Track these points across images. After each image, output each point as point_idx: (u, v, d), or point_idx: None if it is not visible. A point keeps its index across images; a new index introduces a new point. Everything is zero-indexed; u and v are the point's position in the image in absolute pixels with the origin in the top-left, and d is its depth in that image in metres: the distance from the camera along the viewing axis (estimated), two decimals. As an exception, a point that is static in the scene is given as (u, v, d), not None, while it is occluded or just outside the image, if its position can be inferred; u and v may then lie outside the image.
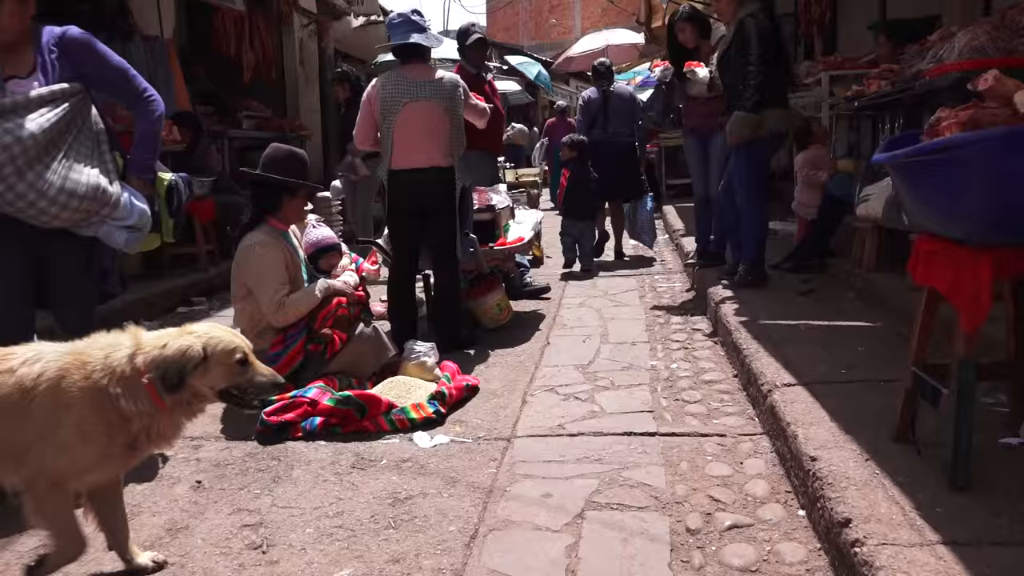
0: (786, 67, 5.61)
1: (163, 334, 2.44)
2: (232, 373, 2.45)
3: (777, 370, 3.74)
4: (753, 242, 5.67)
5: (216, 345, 2.41)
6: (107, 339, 2.43)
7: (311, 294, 4.04)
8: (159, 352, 2.33)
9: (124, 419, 2.32)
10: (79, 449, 2.30)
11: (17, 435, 2.29)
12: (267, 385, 2.53)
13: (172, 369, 2.31)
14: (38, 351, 2.36)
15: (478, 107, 5.22)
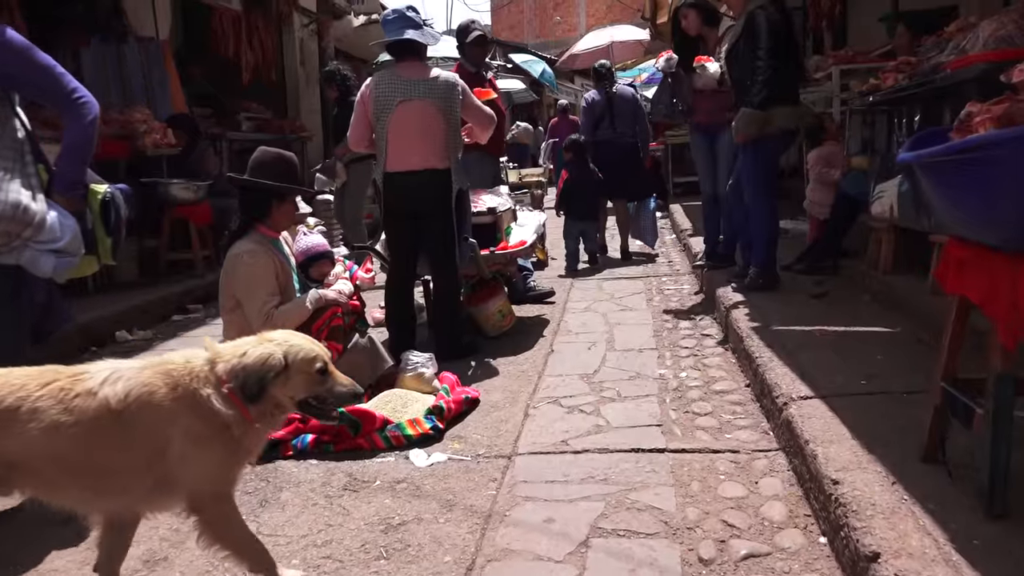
0: (797, 62, 5.40)
1: (241, 343, 2.36)
2: (312, 382, 2.36)
3: (792, 381, 3.54)
4: (763, 244, 5.46)
5: (297, 353, 2.32)
6: (180, 353, 2.36)
7: (301, 306, 3.85)
8: (238, 360, 2.25)
9: (224, 424, 2.23)
10: (203, 458, 2.24)
11: (117, 459, 2.18)
12: (347, 395, 2.45)
13: (252, 378, 2.23)
14: (113, 368, 2.26)
15: (482, 111, 4.91)
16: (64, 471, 2.17)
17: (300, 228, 4.40)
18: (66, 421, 2.11)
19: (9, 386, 2.14)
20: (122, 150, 7.32)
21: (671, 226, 10.96)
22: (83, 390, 2.17)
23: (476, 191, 5.86)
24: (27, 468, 2.14)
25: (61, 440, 2.11)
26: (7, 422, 2.10)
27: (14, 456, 2.12)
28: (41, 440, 2.09)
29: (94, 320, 5.98)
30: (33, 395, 2.13)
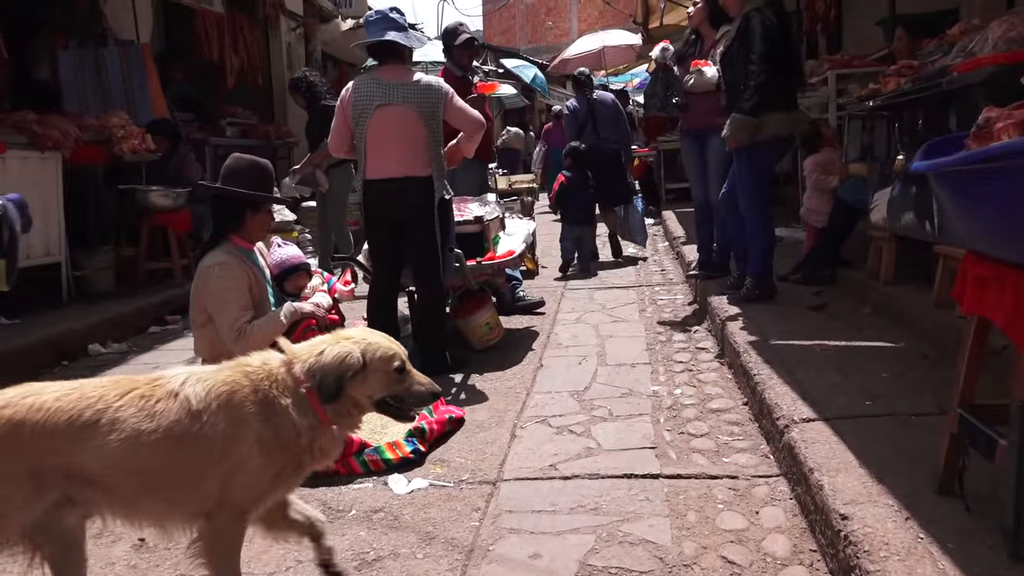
0: (795, 67, 5.21)
1: (317, 341, 2.31)
2: (390, 381, 2.31)
3: (793, 401, 3.35)
4: (759, 253, 5.28)
5: (375, 352, 2.28)
6: (255, 355, 2.31)
7: (276, 320, 3.65)
8: (316, 359, 2.22)
9: (295, 431, 2.19)
10: (259, 469, 2.16)
11: (192, 463, 2.11)
12: (425, 395, 2.39)
13: (330, 377, 2.19)
14: (191, 370, 2.22)
15: (469, 115, 4.63)
16: (143, 483, 2.10)
17: (275, 239, 4.18)
18: (148, 428, 2.05)
19: (86, 399, 2.06)
20: (99, 156, 7.10)
21: (664, 233, 10.77)
22: (164, 394, 2.12)
23: (463, 199, 5.67)
24: (105, 485, 2.06)
25: (143, 449, 2.04)
26: (86, 437, 2.02)
27: (93, 473, 2.03)
28: (122, 452, 2.02)
29: (65, 333, 5.76)
30: (113, 406, 2.06)
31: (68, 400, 2.05)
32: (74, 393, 2.08)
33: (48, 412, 2.01)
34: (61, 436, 2.01)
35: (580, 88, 8.86)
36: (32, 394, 2.06)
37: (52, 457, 2.00)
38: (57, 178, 6.48)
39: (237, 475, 2.13)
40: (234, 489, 2.14)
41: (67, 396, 2.07)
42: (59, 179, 6.49)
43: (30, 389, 2.09)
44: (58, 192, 6.49)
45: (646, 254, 9.11)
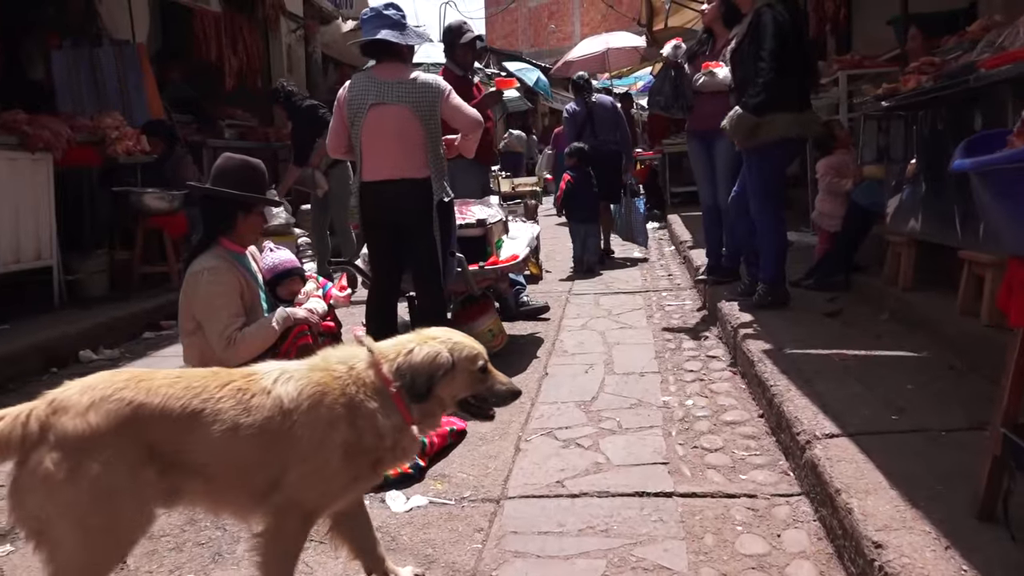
0: (808, 66, 5.03)
1: (402, 340, 2.31)
2: (474, 381, 2.32)
3: (814, 415, 3.16)
4: (772, 258, 5.10)
5: (461, 351, 2.28)
6: (339, 352, 2.30)
7: (268, 327, 3.47)
8: (405, 359, 2.21)
9: (379, 435, 2.18)
10: (337, 474, 2.15)
11: (279, 460, 2.10)
12: (506, 394, 2.38)
13: (421, 377, 2.18)
14: (283, 368, 2.22)
15: (466, 113, 4.41)
16: (237, 475, 2.10)
17: (267, 243, 4.00)
18: (246, 422, 2.05)
19: (192, 389, 2.06)
20: (92, 157, 6.93)
21: (670, 237, 10.59)
22: (259, 389, 2.12)
23: (465, 202, 5.50)
24: (205, 474, 2.05)
25: (240, 442, 2.04)
26: (193, 426, 2.02)
27: (197, 461, 2.03)
28: (223, 443, 2.03)
29: (55, 339, 5.59)
30: (215, 396, 2.06)
31: (177, 388, 2.05)
32: (180, 381, 2.08)
33: (163, 398, 2.00)
34: (175, 423, 2.00)
35: (579, 92, 9.05)
36: (143, 379, 2.05)
37: (166, 444, 1.99)
38: (48, 180, 6.31)
39: (314, 477, 2.12)
40: (308, 491, 2.13)
41: (175, 383, 2.06)
42: (50, 181, 6.32)
43: (138, 374, 2.08)
44: (49, 194, 6.32)
45: (647, 255, 9.25)
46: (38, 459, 1.87)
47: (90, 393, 1.96)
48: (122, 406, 1.95)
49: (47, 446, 1.88)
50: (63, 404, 1.93)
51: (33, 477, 1.87)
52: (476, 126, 4.43)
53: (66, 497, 1.87)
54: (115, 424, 1.92)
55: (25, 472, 1.89)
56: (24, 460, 1.90)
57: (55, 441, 1.88)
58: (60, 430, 1.89)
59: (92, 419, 1.91)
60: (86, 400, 1.93)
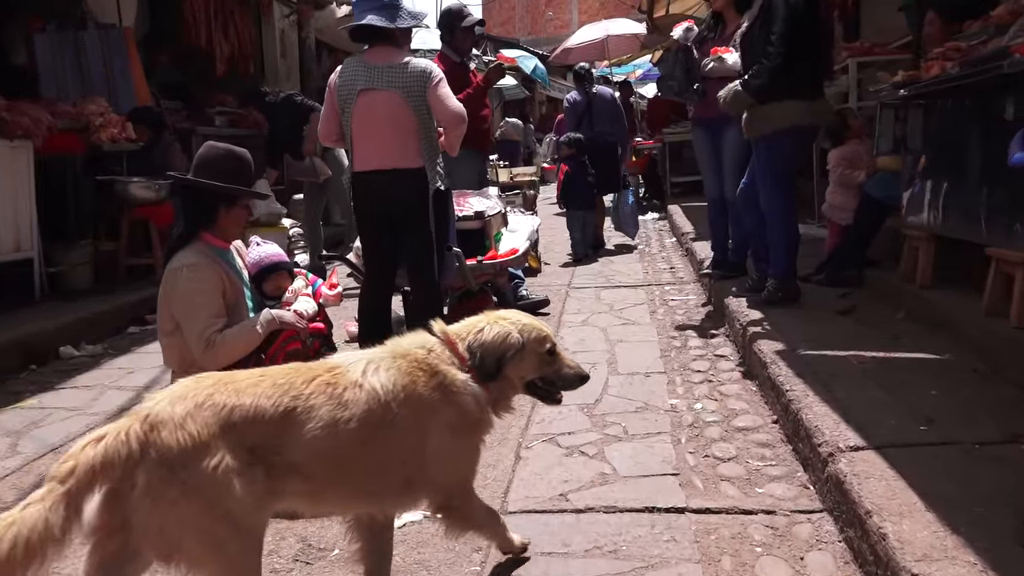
0: (822, 52, 4.81)
1: (472, 321, 2.35)
2: (542, 363, 2.34)
3: (835, 424, 2.96)
4: (782, 253, 4.88)
5: (531, 333, 2.31)
6: (410, 338, 2.32)
7: (249, 330, 3.25)
8: (476, 338, 2.25)
9: (479, 407, 2.24)
10: (459, 451, 2.24)
11: (382, 452, 2.10)
12: (573, 378, 2.40)
13: (491, 357, 2.23)
14: (366, 358, 2.19)
15: (449, 106, 4.07)
16: (337, 472, 2.07)
17: (253, 237, 3.78)
18: (343, 417, 2.02)
19: (280, 387, 2.01)
20: (75, 145, 6.67)
21: (670, 229, 10.37)
22: (348, 382, 2.09)
23: (463, 193, 5.28)
24: (305, 473, 2.00)
25: (340, 437, 2.01)
26: (287, 424, 1.97)
27: (296, 461, 1.98)
28: (322, 440, 1.99)
29: (35, 334, 5.37)
30: (304, 393, 2.02)
31: (264, 387, 2.00)
32: (266, 379, 2.03)
33: (253, 398, 1.96)
34: (269, 423, 1.95)
35: (580, 82, 9.20)
36: (228, 381, 2.00)
37: (264, 445, 1.94)
38: (28, 168, 6.07)
39: (443, 464, 2.17)
40: (449, 477, 2.22)
41: (261, 382, 2.01)
42: (30, 169, 6.08)
43: (222, 376, 2.04)
44: (29, 183, 6.08)
45: (636, 243, 9.38)
46: (144, 479, 1.80)
47: (182, 404, 1.89)
48: (217, 412, 1.89)
49: (150, 464, 1.81)
50: (158, 419, 1.85)
51: (145, 499, 1.79)
52: (459, 121, 4.11)
53: (185, 514, 1.81)
54: (215, 431, 1.87)
55: (135, 496, 1.80)
56: (128, 481, 1.81)
57: (158, 458, 1.81)
58: (162, 446, 1.82)
59: (192, 430, 1.84)
60: (180, 411, 1.87)
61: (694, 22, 5.81)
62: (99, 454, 1.78)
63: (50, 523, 1.69)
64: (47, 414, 4.28)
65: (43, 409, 4.37)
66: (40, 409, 4.37)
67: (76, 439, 3.78)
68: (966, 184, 4.03)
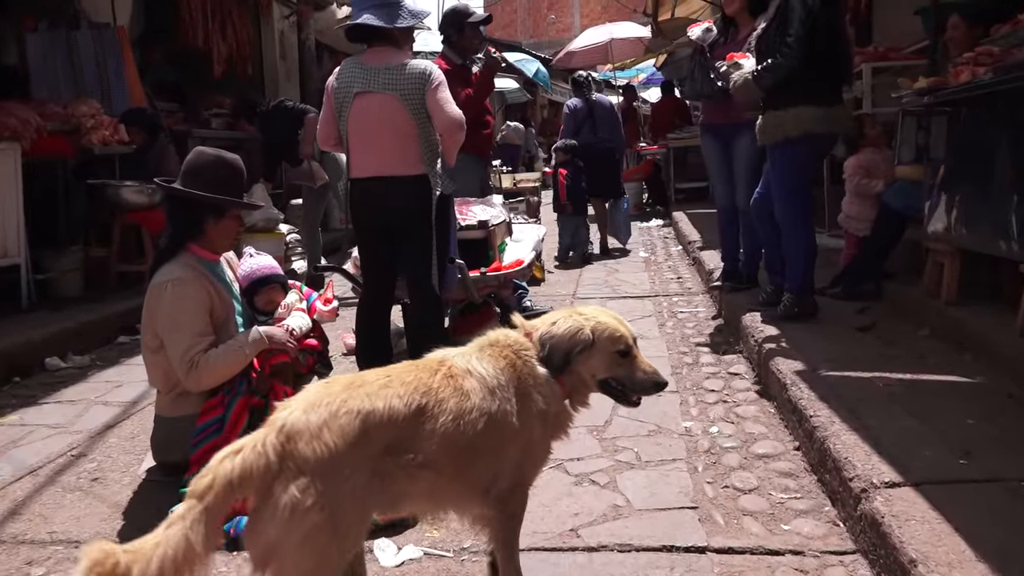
0: (840, 57, 4.60)
1: (553, 314, 2.37)
2: (613, 363, 2.31)
3: (867, 456, 2.75)
4: (799, 265, 4.68)
5: (603, 331, 2.29)
6: (494, 332, 2.32)
7: (235, 351, 3.04)
8: (548, 331, 2.27)
9: (555, 401, 2.25)
10: (541, 443, 2.27)
11: (493, 441, 2.11)
12: (648, 384, 2.36)
13: (559, 350, 2.24)
14: (461, 350, 2.24)
15: (446, 110, 3.81)
16: (459, 464, 2.07)
17: (248, 248, 3.57)
18: (467, 407, 2.06)
19: (408, 384, 2.03)
20: (65, 147, 6.45)
21: (676, 237, 10.17)
22: (460, 372, 2.13)
23: (466, 201, 5.08)
24: (436, 468, 2.01)
25: (464, 428, 2.04)
26: (421, 421, 2.00)
27: (427, 457, 1.99)
28: (451, 432, 2.02)
29: (20, 344, 5.15)
30: (432, 387, 2.06)
31: (394, 388, 2.01)
32: (393, 380, 2.04)
33: (385, 399, 1.97)
34: (403, 423, 1.97)
35: (580, 89, 9.32)
36: (358, 384, 2.01)
37: (398, 445, 1.96)
38: (16, 171, 5.85)
39: (528, 451, 2.20)
40: (525, 466, 2.22)
41: (390, 382, 2.03)
42: (18, 172, 5.86)
43: (351, 380, 2.04)
44: (16, 187, 5.86)
45: (629, 248, 9.58)
46: (282, 490, 1.80)
47: (317, 412, 1.89)
48: (352, 419, 1.89)
49: (290, 475, 1.81)
50: (295, 429, 1.85)
51: (278, 509, 1.79)
52: (457, 128, 3.87)
53: (312, 522, 1.80)
54: (351, 439, 1.87)
55: (268, 505, 1.80)
56: (266, 493, 1.81)
57: (297, 468, 1.81)
58: (300, 457, 1.82)
59: (328, 439, 1.84)
60: (316, 420, 1.87)
61: (713, 22, 5.58)
62: (237, 467, 1.78)
63: (192, 541, 1.70)
64: (28, 431, 4.07)
65: (24, 426, 4.15)
66: (21, 426, 4.16)
67: (56, 459, 3.62)
68: (996, 195, 3.83)
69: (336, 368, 4.86)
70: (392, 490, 1.97)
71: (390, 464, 1.94)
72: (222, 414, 3.14)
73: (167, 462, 3.28)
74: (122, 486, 3.34)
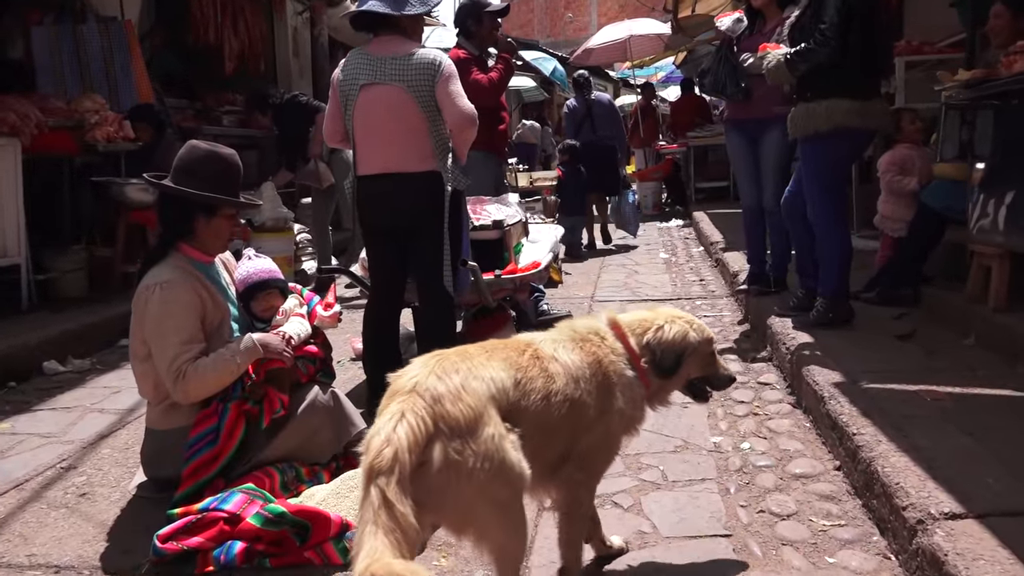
0: (876, 48, 4.32)
1: (644, 316, 2.41)
2: (707, 363, 2.42)
3: (921, 482, 2.48)
4: (833, 269, 4.40)
5: (702, 332, 2.38)
6: (581, 322, 2.37)
7: (225, 361, 2.80)
8: (655, 336, 2.32)
9: (636, 405, 2.31)
10: (615, 440, 2.30)
11: (572, 427, 2.16)
12: (726, 379, 2.51)
13: (671, 356, 2.31)
14: (546, 336, 2.28)
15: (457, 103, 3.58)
16: (544, 443, 2.09)
17: (247, 250, 3.33)
18: (552, 388, 2.10)
19: (508, 360, 2.07)
20: (68, 144, 6.24)
21: (697, 237, 9.88)
22: (547, 356, 2.16)
23: (480, 200, 4.83)
24: (529, 446, 2.00)
25: (552, 409, 2.09)
26: (520, 395, 2.04)
27: (525, 433, 1.99)
28: (540, 411, 2.06)
29: (16, 347, 4.96)
30: (523, 365, 2.09)
31: (496, 362, 2.04)
32: (493, 355, 2.07)
33: (493, 370, 2.00)
34: (510, 395, 2.00)
35: (579, 89, 9.78)
36: (467, 355, 2.03)
37: (506, 418, 1.96)
38: (16, 168, 5.65)
39: (601, 445, 2.25)
40: (597, 461, 2.28)
41: (492, 356, 2.06)
42: (18, 169, 5.66)
43: (459, 352, 2.06)
44: (17, 184, 5.67)
45: (637, 242, 9.94)
46: (442, 453, 1.81)
47: (451, 377, 1.91)
48: (483, 384, 1.94)
49: (444, 437, 1.82)
50: (437, 392, 1.87)
51: (446, 473, 1.81)
52: (468, 123, 3.63)
53: (481, 482, 1.83)
54: (485, 402, 1.91)
55: (434, 471, 1.80)
56: (425, 459, 1.80)
57: (449, 431, 1.83)
58: (450, 419, 1.84)
59: (469, 401, 1.88)
60: (454, 384, 1.90)
61: (743, 12, 5.30)
62: (408, 432, 1.77)
63: (408, 517, 1.68)
64: (18, 441, 3.86)
65: (15, 435, 3.95)
66: (12, 435, 3.95)
67: (45, 472, 3.41)
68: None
69: (346, 374, 4.65)
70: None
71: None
72: (216, 423, 2.91)
73: (159, 477, 3.06)
74: (110, 503, 3.12)
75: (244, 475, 2.91)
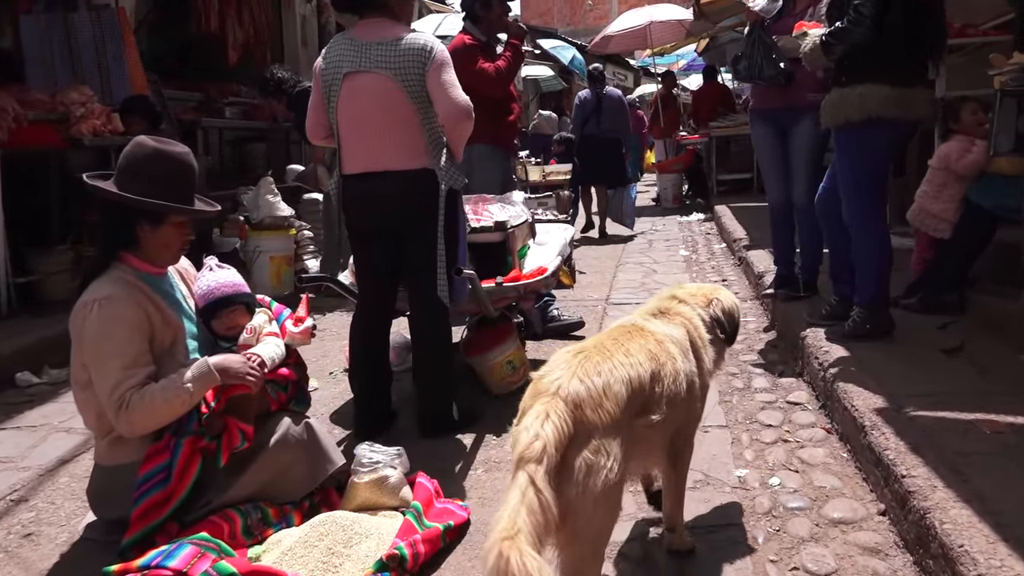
0: (923, 29, 3.86)
1: (699, 289, 2.58)
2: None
3: (989, 544, 2.07)
4: (872, 274, 3.96)
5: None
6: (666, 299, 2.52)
7: (175, 390, 2.43)
8: (724, 306, 2.50)
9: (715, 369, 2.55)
10: (703, 403, 2.47)
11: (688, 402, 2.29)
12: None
13: (734, 322, 2.51)
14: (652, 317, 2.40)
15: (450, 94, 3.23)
16: (666, 423, 2.19)
17: (210, 259, 2.95)
18: (678, 368, 2.23)
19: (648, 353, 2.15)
20: (51, 138, 5.88)
21: (719, 233, 9.43)
22: (663, 337, 2.26)
23: (481, 198, 4.43)
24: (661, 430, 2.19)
25: (679, 389, 2.22)
26: (654, 386, 2.12)
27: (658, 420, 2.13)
28: (672, 393, 2.18)
29: (4, 351, 4.64)
30: (654, 353, 2.18)
31: (635, 356, 2.10)
32: (616, 347, 2.11)
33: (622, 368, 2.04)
34: (646, 389, 2.09)
35: (593, 82, 9.90)
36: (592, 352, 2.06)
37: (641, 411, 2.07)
38: (-8, 163, 5.33)
39: (695, 408, 2.40)
40: (694, 422, 2.45)
41: (630, 354, 2.10)
42: (-6, 165, 5.34)
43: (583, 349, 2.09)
44: (-7, 181, 5.34)
45: (634, 233, 10.03)
46: (579, 456, 1.87)
47: (592, 380, 1.96)
48: (623, 388, 1.99)
49: (582, 439, 1.89)
50: (579, 397, 1.91)
51: (589, 477, 1.87)
52: (463, 116, 3.26)
53: (608, 480, 1.89)
54: (623, 406, 1.97)
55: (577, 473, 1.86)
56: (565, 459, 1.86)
57: (588, 435, 1.89)
58: (592, 423, 1.90)
59: (610, 408, 1.93)
60: (596, 388, 1.94)
61: None
62: (554, 431, 1.82)
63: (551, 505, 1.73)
64: (-28, 466, 3.53)
65: (-30, 459, 3.62)
66: (-33, 459, 3.62)
67: (0, 501, 3.07)
68: None
69: (336, 387, 4.30)
70: (631, 452, 2.02)
71: (636, 426, 2.04)
72: (168, 460, 2.54)
73: (108, 518, 2.70)
74: (55, 546, 2.76)
75: (201, 519, 2.55)
